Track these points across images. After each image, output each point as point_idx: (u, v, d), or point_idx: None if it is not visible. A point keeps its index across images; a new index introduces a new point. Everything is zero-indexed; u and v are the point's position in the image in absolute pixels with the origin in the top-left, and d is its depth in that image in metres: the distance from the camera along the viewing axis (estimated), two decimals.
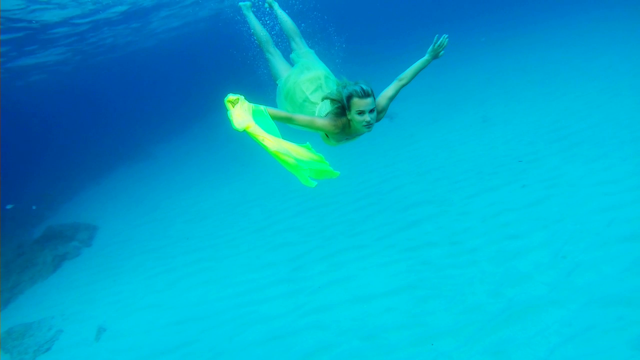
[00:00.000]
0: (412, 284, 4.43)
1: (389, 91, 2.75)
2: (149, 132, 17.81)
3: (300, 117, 2.60)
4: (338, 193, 7.06)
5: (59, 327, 5.80)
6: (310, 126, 2.61)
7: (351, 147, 9.12)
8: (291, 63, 3.26)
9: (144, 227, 8.41)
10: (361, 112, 2.46)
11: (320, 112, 2.83)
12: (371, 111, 2.47)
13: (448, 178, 6.37)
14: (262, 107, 2.61)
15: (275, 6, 3.53)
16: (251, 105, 2.65)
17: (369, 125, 2.50)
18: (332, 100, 2.62)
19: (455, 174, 6.43)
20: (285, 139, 2.62)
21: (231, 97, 2.70)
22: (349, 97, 2.48)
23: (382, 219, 5.88)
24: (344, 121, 2.59)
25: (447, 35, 2.82)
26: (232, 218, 7.52)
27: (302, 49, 3.29)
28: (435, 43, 2.80)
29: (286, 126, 3.03)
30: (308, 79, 2.94)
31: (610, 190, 4.81)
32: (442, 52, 2.86)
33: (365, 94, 2.44)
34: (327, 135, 2.73)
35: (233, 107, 2.61)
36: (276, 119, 2.63)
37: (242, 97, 2.70)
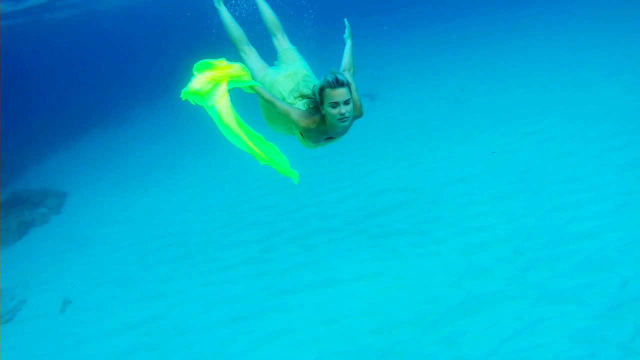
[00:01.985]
0: (377, 272, 4.54)
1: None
2: (126, 96, 17.14)
3: (281, 105, 2.56)
4: (313, 173, 7.04)
5: (23, 297, 5.73)
6: (287, 117, 2.54)
7: None
8: (269, 63, 3.07)
9: (116, 196, 8.25)
10: (334, 104, 2.31)
11: None
12: (346, 102, 2.32)
13: (422, 165, 6.44)
14: (247, 78, 2.53)
15: (224, 11, 3.09)
16: (235, 74, 2.55)
17: (343, 118, 2.34)
18: (306, 97, 2.52)
19: (429, 161, 6.50)
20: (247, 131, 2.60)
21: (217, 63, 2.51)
22: (321, 90, 2.35)
23: (354, 203, 5.93)
24: (319, 118, 2.47)
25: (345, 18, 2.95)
26: (205, 192, 7.44)
27: (284, 46, 3.09)
28: (347, 27, 2.91)
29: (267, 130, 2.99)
30: (285, 76, 2.79)
31: (573, 188, 4.97)
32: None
33: (337, 83, 2.29)
34: (302, 135, 2.62)
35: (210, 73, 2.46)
36: (261, 97, 2.59)
37: (235, 66, 2.59)
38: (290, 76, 2.78)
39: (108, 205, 7.91)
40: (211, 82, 2.45)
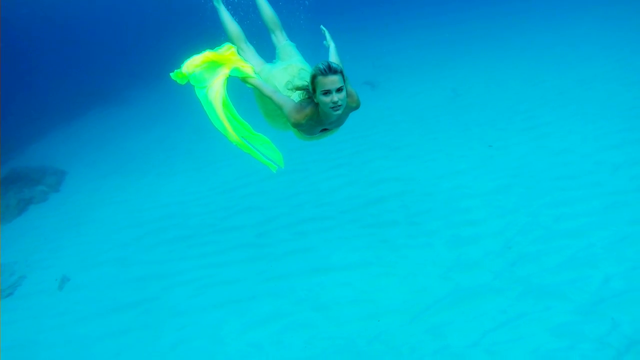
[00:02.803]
0: (368, 261, 4.64)
1: None
2: (125, 74, 17.01)
3: (276, 97, 2.56)
4: (311, 160, 7.10)
5: (22, 273, 5.85)
6: (281, 109, 2.56)
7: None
8: (267, 61, 3.09)
9: (114, 176, 8.31)
10: (326, 92, 2.26)
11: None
12: (338, 90, 2.26)
13: (419, 156, 6.48)
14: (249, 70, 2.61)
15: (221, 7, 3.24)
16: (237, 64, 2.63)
17: (336, 106, 2.29)
18: (300, 88, 2.52)
19: (426, 152, 6.54)
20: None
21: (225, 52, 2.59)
22: (313, 77, 2.31)
23: (350, 191, 6.00)
24: (311, 110, 2.44)
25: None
26: (203, 175, 7.50)
27: (282, 42, 3.12)
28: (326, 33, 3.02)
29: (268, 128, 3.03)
30: (281, 70, 2.82)
31: (565, 185, 5.03)
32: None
33: (329, 70, 2.24)
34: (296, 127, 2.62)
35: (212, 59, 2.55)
36: (257, 89, 2.64)
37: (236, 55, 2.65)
38: (285, 69, 2.81)
39: (106, 186, 7.98)
40: (213, 63, 2.58)
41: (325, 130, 2.71)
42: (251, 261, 5.06)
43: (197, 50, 2.79)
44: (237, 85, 2.90)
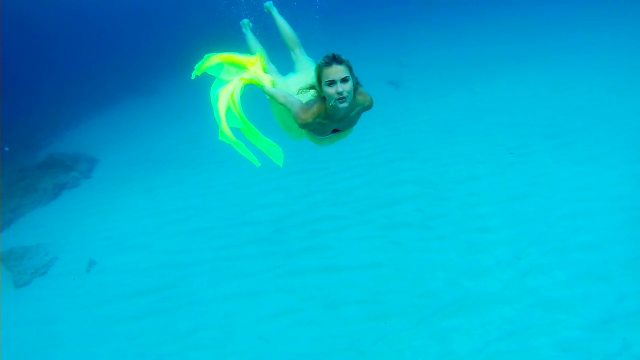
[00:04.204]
0: (380, 262, 4.71)
1: None
2: (157, 64, 17.50)
3: (285, 100, 2.58)
4: (329, 159, 7.18)
5: (55, 254, 6.23)
6: (288, 110, 2.57)
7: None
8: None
9: (141, 166, 8.65)
10: (331, 82, 2.19)
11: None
12: (343, 80, 2.19)
13: (437, 160, 6.46)
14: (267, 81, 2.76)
15: (274, 12, 3.35)
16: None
17: (341, 97, 2.21)
18: (310, 87, 2.47)
19: (445, 156, 6.51)
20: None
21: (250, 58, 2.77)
22: (318, 70, 2.26)
23: (366, 192, 6.06)
24: (318, 107, 2.39)
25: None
26: (225, 170, 7.70)
27: (300, 57, 3.22)
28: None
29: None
30: (295, 78, 2.92)
31: (586, 197, 4.93)
32: None
33: (333, 60, 2.18)
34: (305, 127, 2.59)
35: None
36: (272, 97, 2.75)
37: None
38: (300, 77, 2.91)
39: (133, 174, 8.33)
40: (237, 64, 2.76)
41: (337, 131, 2.70)
42: (266, 256, 5.22)
43: (227, 48, 2.99)
44: (254, 96, 3.03)
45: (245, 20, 3.37)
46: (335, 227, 5.48)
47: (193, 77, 2.85)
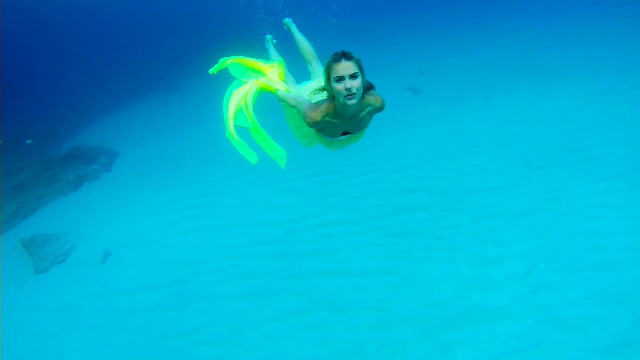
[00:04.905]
0: (389, 270, 4.70)
1: None
2: (180, 63, 17.87)
3: (296, 102, 2.59)
4: (344, 164, 7.21)
5: (73, 243, 6.43)
6: (299, 113, 2.56)
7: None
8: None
9: (160, 162, 8.86)
10: (340, 79, 2.16)
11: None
12: (353, 77, 2.15)
13: (453, 169, 6.40)
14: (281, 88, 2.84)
15: (293, 28, 3.42)
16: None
17: (350, 94, 2.16)
18: (320, 90, 2.47)
19: (460, 166, 6.45)
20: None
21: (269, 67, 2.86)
22: (328, 68, 2.23)
23: (379, 199, 6.05)
24: (327, 106, 2.36)
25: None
26: (241, 170, 7.81)
27: (316, 69, 3.27)
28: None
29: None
30: (308, 87, 2.96)
31: (605, 215, 4.80)
32: None
33: (342, 56, 2.16)
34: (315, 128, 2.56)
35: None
36: (284, 101, 2.80)
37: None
38: (314, 82, 2.96)
39: (151, 170, 8.53)
40: (255, 70, 2.84)
41: (347, 134, 2.65)
42: (276, 257, 5.27)
43: (245, 51, 3.09)
44: (270, 106, 3.10)
45: (269, 37, 3.45)
46: (347, 232, 5.50)
47: (211, 72, 2.96)
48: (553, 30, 13.43)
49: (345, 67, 2.14)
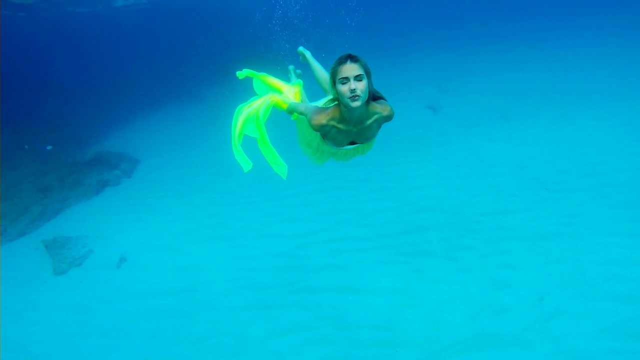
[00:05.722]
0: (398, 289, 4.66)
1: None
2: (203, 74, 18.36)
3: (304, 109, 2.60)
4: (359, 179, 7.22)
5: (91, 247, 6.62)
6: (305, 116, 2.56)
7: (386, 131, 9.03)
8: None
9: (178, 170, 9.07)
10: (344, 80, 2.14)
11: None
12: (357, 79, 2.13)
13: (468, 189, 6.33)
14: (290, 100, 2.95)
15: (308, 55, 3.49)
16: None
17: (354, 96, 2.14)
18: (330, 101, 2.46)
19: (476, 186, 6.37)
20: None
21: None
22: (333, 70, 2.21)
23: (392, 216, 6.03)
24: (333, 110, 2.36)
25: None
26: (255, 181, 7.91)
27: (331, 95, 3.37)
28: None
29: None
30: (321, 103, 3.03)
31: (625, 243, 4.66)
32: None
33: (346, 58, 2.16)
34: (322, 137, 2.60)
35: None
36: (293, 111, 2.86)
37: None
38: (328, 98, 3.00)
39: (170, 178, 8.73)
40: (273, 87, 3.09)
41: (354, 143, 2.61)
42: (286, 270, 5.29)
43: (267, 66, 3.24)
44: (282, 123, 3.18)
45: (292, 67, 3.51)
46: (358, 247, 5.49)
47: (238, 74, 3.12)
48: (580, 53, 13.22)
49: (350, 68, 2.14)
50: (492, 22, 22.10)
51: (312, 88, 3.60)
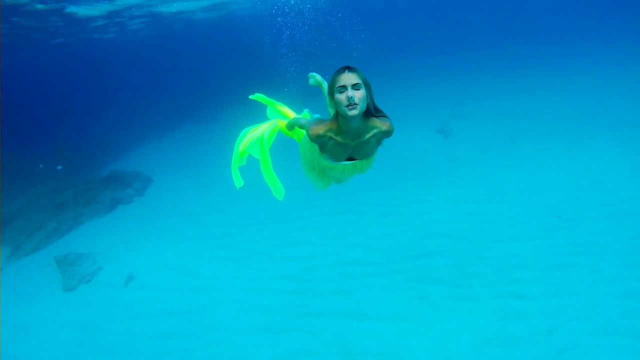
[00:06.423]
0: (404, 316, 4.57)
1: None
2: (219, 95, 18.80)
3: (303, 123, 2.60)
4: (368, 203, 7.21)
5: (101, 264, 6.70)
6: (304, 130, 2.56)
7: (396, 154, 9.02)
8: None
9: (190, 190, 9.19)
10: (342, 89, 2.13)
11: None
12: (355, 87, 2.13)
13: (478, 215, 6.25)
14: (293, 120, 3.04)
15: (319, 78, 3.49)
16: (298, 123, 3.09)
17: (351, 104, 2.13)
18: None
19: (487, 212, 6.28)
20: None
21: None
22: (331, 80, 2.22)
23: (401, 241, 5.97)
24: (331, 122, 2.35)
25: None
26: (264, 203, 7.94)
27: None
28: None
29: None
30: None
31: None
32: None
33: (345, 68, 2.17)
34: (320, 150, 2.55)
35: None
36: (294, 124, 2.90)
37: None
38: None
39: (182, 198, 8.85)
40: (281, 113, 3.27)
41: (353, 159, 2.54)
42: (292, 293, 5.26)
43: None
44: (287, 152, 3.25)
45: (307, 110, 3.53)
46: (365, 272, 5.43)
47: (251, 97, 3.30)
48: (595, 79, 13.14)
49: (348, 77, 2.14)
50: (512, 46, 22.22)
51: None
